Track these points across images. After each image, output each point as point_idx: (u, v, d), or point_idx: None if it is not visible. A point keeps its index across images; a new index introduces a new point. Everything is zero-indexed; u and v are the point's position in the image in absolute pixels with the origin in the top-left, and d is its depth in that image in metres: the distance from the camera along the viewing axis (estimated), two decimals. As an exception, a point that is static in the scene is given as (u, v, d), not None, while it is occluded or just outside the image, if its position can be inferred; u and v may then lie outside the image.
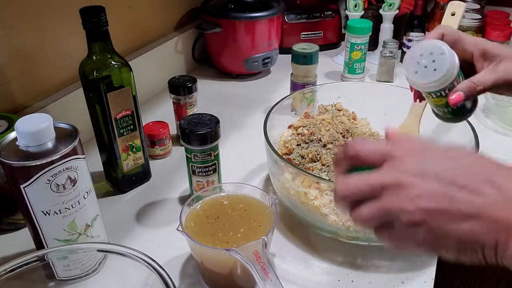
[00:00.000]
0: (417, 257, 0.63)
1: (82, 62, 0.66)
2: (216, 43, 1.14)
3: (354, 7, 1.16)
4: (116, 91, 0.66)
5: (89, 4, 0.63)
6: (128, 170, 0.74)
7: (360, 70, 1.11)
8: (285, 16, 1.25)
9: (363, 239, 0.60)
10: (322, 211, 0.60)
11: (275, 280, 0.48)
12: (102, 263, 0.56)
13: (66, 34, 0.83)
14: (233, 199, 0.61)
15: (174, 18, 1.16)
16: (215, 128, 0.64)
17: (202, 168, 0.67)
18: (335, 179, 0.42)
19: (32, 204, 0.50)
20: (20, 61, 0.76)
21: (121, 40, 0.96)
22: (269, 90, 1.11)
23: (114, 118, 0.68)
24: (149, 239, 0.66)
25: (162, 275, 0.43)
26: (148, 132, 0.81)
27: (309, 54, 0.89)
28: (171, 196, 0.75)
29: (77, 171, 0.52)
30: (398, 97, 0.76)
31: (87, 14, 0.61)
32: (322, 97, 0.82)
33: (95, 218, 0.57)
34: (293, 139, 0.73)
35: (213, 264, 0.55)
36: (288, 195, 0.64)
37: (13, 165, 0.48)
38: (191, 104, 0.87)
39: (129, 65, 0.67)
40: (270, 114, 0.71)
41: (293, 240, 0.66)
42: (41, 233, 0.53)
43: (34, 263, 0.47)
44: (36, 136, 0.49)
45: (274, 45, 1.14)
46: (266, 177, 0.79)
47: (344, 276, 0.60)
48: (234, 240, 0.54)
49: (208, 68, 1.21)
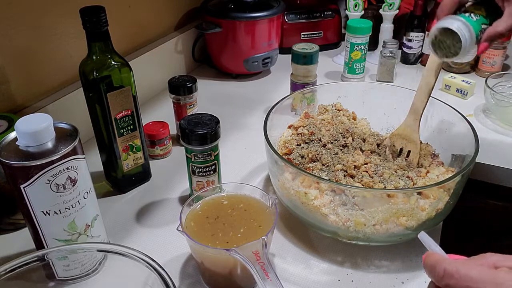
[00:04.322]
0: (417, 257, 0.63)
1: (82, 62, 0.66)
2: (216, 43, 1.14)
3: (354, 7, 1.16)
4: (116, 91, 0.66)
5: (89, 4, 0.63)
6: (128, 170, 0.74)
7: (360, 70, 1.11)
8: (285, 16, 1.25)
9: (363, 239, 0.60)
10: (322, 211, 0.60)
11: (275, 280, 0.48)
12: (102, 263, 0.55)
13: (66, 34, 0.83)
14: (233, 199, 0.61)
15: (174, 18, 1.16)
16: (215, 128, 0.64)
17: (202, 168, 0.67)
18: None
19: (32, 204, 0.50)
20: (20, 61, 0.76)
21: (121, 40, 0.96)
22: (269, 90, 1.11)
23: (114, 118, 0.68)
24: (149, 239, 0.66)
25: (162, 275, 0.43)
26: (148, 132, 0.81)
27: (309, 54, 0.89)
28: (171, 196, 0.75)
29: (77, 171, 0.52)
30: (398, 97, 0.76)
31: (87, 14, 0.61)
32: (322, 97, 0.82)
33: (95, 218, 0.57)
34: (293, 139, 0.73)
35: (213, 264, 0.55)
36: (288, 195, 0.64)
37: (13, 165, 0.48)
38: (191, 104, 0.87)
39: (129, 65, 0.67)
40: (270, 114, 0.71)
41: (293, 240, 0.66)
42: (41, 233, 0.53)
43: (34, 263, 0.47)
44: (36, 136, 0.49)
45: (274, 45, 1.14)
46: (266, 177, 0.79)
47: (344, 276, 0.60)
48: (234, 240, 0.54)
49: (208, 68, 1.21)
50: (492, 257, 0.39)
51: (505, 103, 0.89)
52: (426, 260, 0.41)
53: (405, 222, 0.58)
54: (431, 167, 0.68)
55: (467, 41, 0.57)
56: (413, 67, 1.21)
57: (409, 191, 0.60)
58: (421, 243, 0.43)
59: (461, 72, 1.13)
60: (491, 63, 1.10)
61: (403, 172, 0.66)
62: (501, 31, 0.59)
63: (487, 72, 1.09)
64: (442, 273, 0.38)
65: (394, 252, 0.64)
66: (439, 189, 0.59)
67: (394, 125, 0.75)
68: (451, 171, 0.67)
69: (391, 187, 0.63)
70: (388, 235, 0.59)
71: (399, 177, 0.65)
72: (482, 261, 0.39)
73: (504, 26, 0.58)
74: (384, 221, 0.58)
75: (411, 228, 0.58)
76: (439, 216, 0.61)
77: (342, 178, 0.65)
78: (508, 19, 0.58)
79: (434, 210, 0.59)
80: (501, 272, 0.37)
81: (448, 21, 0.58)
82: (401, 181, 0.64)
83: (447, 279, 0.38)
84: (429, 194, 0.59)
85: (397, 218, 0.58)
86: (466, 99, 1.02)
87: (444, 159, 0.72)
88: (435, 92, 0.68)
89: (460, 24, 0.57)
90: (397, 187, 0.63)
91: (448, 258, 0.40)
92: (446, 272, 0.38)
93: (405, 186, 0.63)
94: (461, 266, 0.38)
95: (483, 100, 0.96)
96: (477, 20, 0.59)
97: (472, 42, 0.58)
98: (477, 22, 0.59)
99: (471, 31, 0.57)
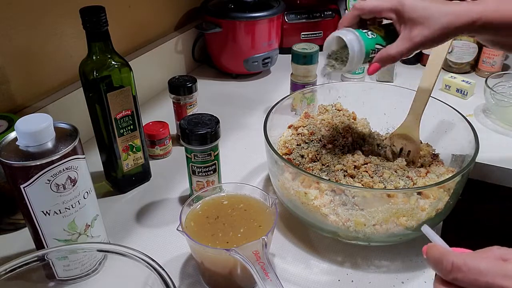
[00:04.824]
0: (417, 257, 0.63)
1: (82, 62, 0.66)
2: (216, 43, 1.14)
3: (354, 7, 1.16)
4: (116, 91, 0.66)
5: (89, 4, 0.63)
6: (128, 170, 0.74)
7: (360, 70, 1.10)
8: (285, 16, 1.25)
9: (363, 239, 0.60)
10: (322, 211, 0.60)
11: (275, 280, 0.48)
12: (102, 263, 0.55)
13: (66, 34, 0.83)
14: (233, 199, 0.61)
15: (174, 18, 1.16)
16: (215, 128, 0.64)
17: (202, 168, 0.67)
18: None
19: (32, 204, 0.50)
20: (20, 61, 0.76)
21: (121, 40, 0.96)
22: (269, 90, 1.11)
23: (114, 118, 0.68)
24: (149, 239, 0.66)
25: (162, 275, 0.43)
26: (148, 132, 0.81)
27: (309, 54, 0.89)
28: (171, 196, 0.75)
29: (77, 171, 0.52)
30: (398, 97, 0.76)
31: (87, 14, 0.61)
32: (322, 97, 0.82)
33: (95, 218, 0.57)
34: (293, 139, 0.73)
35: (213, 264, 0.55)
36: (288, 195, 0.64)
37: (13, 165, 0.48)
38: (191, 104, 0.87)
39: (129, 65, 0.67)
40: (270, 114, 0.71)
41: (293, 240, 0.66)
42: (41, 233, 0.53)
43: (34, 263, 0.47)
44: (36, 136, 0.49)
45: (274, 45, 1.14)
46: (266, 177, 0.79)
47: (344, 276, 0.60)
48: (234, 240, 0.54)
49: (208, 68, 1.21)
50: (499, 250, 0.38)
51: (505, 103, 0.89)
52: (430, 253, 0.40)
53: (405, 222, 0.58)
54: (431, 167, 0.68)
55: (354, 54, 0.57)
56: (413, 67, 1.21)
57: (409, 191, 0.60)
58: (421, 243, 0.43)
59: (461, 72, 1.13)
60: (491, 63, 1.10)
61: (403, 172, 0.66)
62: (393, 55, 0.57)
63: (487, 72, 1.09)
64: (450, 267, 0.38)
65: (394, 252, 0.64)
66: (439, 189, 0.59)
67: (394, 125, 0.75)
68: (451, 171, 0.67)
69: (391, 187, 0.63)
70: (388, 235, 0.59)
71: (399, 177, 0.65)
72: (489, 254, 0.38)
73: (396, 50, 0.56)
74: (384, 221, 0.58)
75: (411, 228, 0.58)
76: (439, 216, 0.61)
77: (342, 178, 0.65)
78: (401, 43, 0.56)
79: (434, 210, 0.59)
80: (510, 264, 0.36)
81: (342, 32, 0.58)
82: (401, 181, 0.64)
83: (455, 273, 0.37)
84: (429, 194, 0.59)
85: (397, 218, 0.58)
86: (466, 99, 1.02)
87: (444, 159, 0.72)
88: (435, 92, 0.68)
89: (353, 36, 0.57)
90: (397, 187, 0.63)
91: (454, 251, 0.39)
92: (454, 266, 0.37)
93: (405, 186, 0.63)
94: (469, 259, 0.37)
95: (483, 100, 0.96)
96: (372, 38, 0.58)
97: (360, 57, 0.58)
98: (372, 40, 0.58)
99: (361, 46, 0.57)
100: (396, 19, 0.57)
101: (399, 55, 0.57)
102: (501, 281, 0.35)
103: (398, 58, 0.57)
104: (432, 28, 0.54)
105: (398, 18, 0.57)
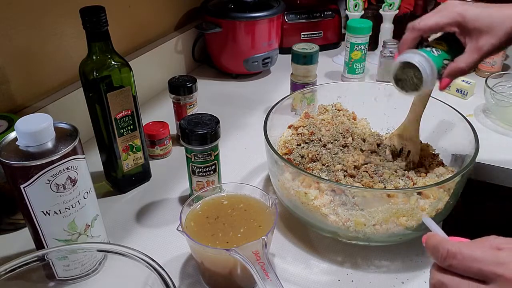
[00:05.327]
0: (417, 257, 0.63)
1: (82, 62, 0.66)
2: (216, 43, 1.14)
3: (354, 7, 1.16)
4: (116, 91, 0.66)
5: (89, 4, 0.63)
6: (128, 170, 0.74)
7: (360, 70, 1.10)
8: (285, 16, 1.25)
9: (363, 239, 0.60)
10: (322, 211, 0.60)
11: (275, 280, 0.48)
12: (102, 263, 0.55)
13: (66, 34, 0.83)
14: (233, 199, 0.61)
15: (174, 18, 1.16)
16: (215, 128, 0.64)
17: (202, 168, 0.67)
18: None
19: (32, 204, 0.50)
20: (20, 61, 0.76)
21: (121, 40, 0.96)
22: (269, 90, 1.11)
23: (114, 118, 0.68)
24: (149, 239, 0.66)
25: (162, 275, 0.43)
26: (148, 132, 0.81)
27: (309, 54, 0.89)
28: (171, 196, 0.75)
29: (77, 171, 0.52)
30: (398, 97, 0.76)
31: (87, 14, 0.61)
32: (322, 97, 0.82)
33: (95, 218, 0.57)
34: (293, 139, 0.73)
35: (213, 264, 0.55)
36: (288, 195, 0.64)
37: (13, 165, 0.48)
38: (191, 104, 0.87)
39: (129, 65, 0.67)
40: (270, 114, 0.71)
41: (293, 240, 0.66)
42: (41, 233, 0.53)
43: (34, 263, 0.47)
44: (36, 136, 0.49)
45: (274, 45, 1.14)
46: (266, 177, 0.79)
47: (344, 276, 0.60)
48: (234, 240, 0.54)
49: (208, 68, 1.21)
50: (496, 239, 0.39)
51: (505, 103, 0.89)
52: (428, 241, 0.42)
53: (405, 222, 0.58)
54: (431, 167, 0.68)
55: (428, 76, 0.56)
56: (413, 67, 1.20)
57: (409, 191, 0.60)
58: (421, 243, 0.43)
59: (461, 72, 1.13)
60: (491, 63, 1.10)
61: (403, 172, 0.66)
62: (463, 68, 0.57)
63: (487, 72, 1.09)
64: (446, 254, 0.39)
65: (394, 252, 0.64)
66: (439, 189, 0.59)
67: (394, 125, 0.75)
68: (451, 171, 0.67)
69: (391, 187, 0.63)
70: (388, 235, 0.59)
71: (399, 177, 0.65)
72: (485, 243, 0.39)
73: (466, 63, 0.57)
74: (384, 221, 0.58)
75: (411, 228, 0.58)
76: (439, 216, 0.61)
77: (342, 178, 0.65)
78: (470, 55, 0.56)
79: (434, 210, 0.59)
80: (503, 253, 0.37)
81: (409, 55, 0.57)
82: (401, 181, 0.64)
83: (450, 260, 0.39)
84: (429, 194, 0.59)
85: (397, 218, 0.58)
86: (466, 99, 1.02)
87: (444, 159, 0.72)
88: (435, 92, 0.68)
89: (421, 58, 0.57)
90: (397, 187, 0.63)
91: (450, 240, 0.41)
92: (449, 253, 0.39)
93: (405, 186, 0.63)
94: (464, 247, 0.38)
95: (483, 100, 0.96)
96: (438, 55, 0.58)
97: (433, 77, 0.57)
98: (439, 57, 0.58)
99: (432, 66, 0.57)
100: (459, 32, 0.57)
101: (469, 67, 0.57)
102: (493, 268, 0.36)
103: (468, 70, 0.57)
104: (498, 35, 0.55)
105: (461, 31, 0.57)
